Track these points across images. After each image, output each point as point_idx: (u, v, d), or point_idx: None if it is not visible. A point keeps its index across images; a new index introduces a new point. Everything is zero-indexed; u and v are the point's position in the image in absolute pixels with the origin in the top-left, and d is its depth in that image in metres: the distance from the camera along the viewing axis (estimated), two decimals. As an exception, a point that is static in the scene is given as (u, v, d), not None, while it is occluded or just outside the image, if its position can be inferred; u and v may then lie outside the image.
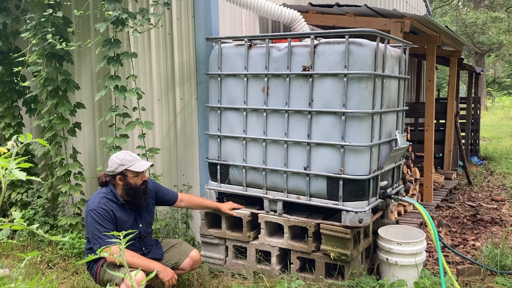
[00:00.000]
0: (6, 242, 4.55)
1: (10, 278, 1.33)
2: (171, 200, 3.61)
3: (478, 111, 10.25)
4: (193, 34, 4.29)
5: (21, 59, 4.40)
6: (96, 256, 1.62)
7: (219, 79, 3.82)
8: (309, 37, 3.44)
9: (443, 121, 7.80)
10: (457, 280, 3.63)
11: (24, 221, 1.38)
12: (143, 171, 3.25)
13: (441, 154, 7.87)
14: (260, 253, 3.78)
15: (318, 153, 3.44)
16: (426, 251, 4.06)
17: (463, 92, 16.26)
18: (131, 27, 4.06)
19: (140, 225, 3.33)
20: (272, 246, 3.69)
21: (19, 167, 1.25)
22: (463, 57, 8.89)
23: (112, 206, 3.18)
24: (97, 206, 3.13)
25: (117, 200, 3.22)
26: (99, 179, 3.29)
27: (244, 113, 3.73)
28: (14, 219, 1.35)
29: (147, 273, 2.93)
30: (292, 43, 3.49)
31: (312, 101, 3.42)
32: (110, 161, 3.23)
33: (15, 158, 1.28)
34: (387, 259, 3.59)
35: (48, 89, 4.33)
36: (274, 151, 3.63)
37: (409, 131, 5.88)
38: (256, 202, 3.85)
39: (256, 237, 3.81)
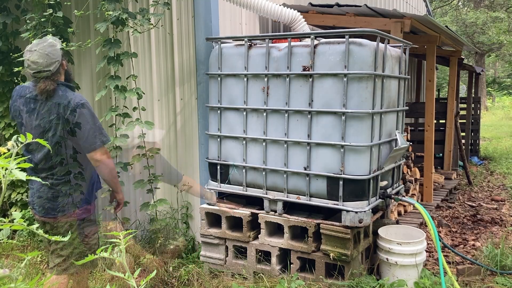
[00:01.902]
0: (6, 242, 4.55)
1: (10, 278, 1.33)
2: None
3: (478, 111, 10.25)
4: (193, 34, 4.29)
5: (21, 59, 4.39)
6: (92, 257, 1.51)
7: (219, 79, 3.82)
8: (309, 37, 3.44)
9: (443, 121, 7.81)
10: (457, 280, 3.63)
11: (24, 221, 1.38)
12: None
13: (441, 154, 7.87)
14: (260, 253, 3.78)
15: (318, 153, 3.44)
16: (426, 251, 4.07)
17: (463, 92, 16.26)
18: (131, 27, 4.06)
19: None
20: (272, 246, 3.69)
21: (19, 167, 1.25)
22: (463, 57, 8.88)
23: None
24: (85, 100, 2.80)
25: (72, 88, 2.91)
26: (49, 92, 2.75)
27: (244, 113, 3.73)
28: (14, 219, 1.35)
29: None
30: (292, 43, 3.49)
31: (312, 101, 3.42)
32: (47, 57, 2.72)
33: (15, 158, 1.28)
34: (387, 259, 3.59)
35: (48, 89, 4.32)
36: (274, 151, 3.63)
37: (409, 131, 5.89)
38: (256, 202, 3.85)
39: (256, 237, 3.81)
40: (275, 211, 3.68)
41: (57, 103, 2.76)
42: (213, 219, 3.99)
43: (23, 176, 1.22)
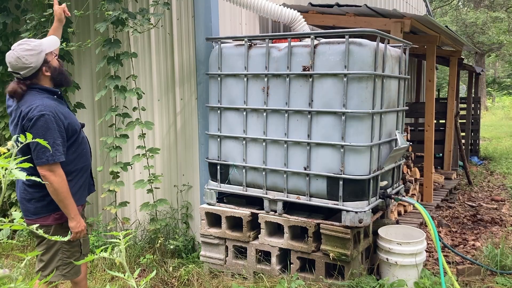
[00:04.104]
0: (6, 242, 4.55)
1: (10, 278, 1.33)
2: None
3: (478, 111, 10.25)
4: (193, 34, 4.29)
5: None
6: (92, 257, 1.51)
7: (219, 79, 3.82)
8: (309, 37, 3.44)
9: (443, 121, 7.81)
10: (457, 280, 3.63)
11: (24, 221, 1.38)
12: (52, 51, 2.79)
13: (441, 154, 7.87)
14: (260, 253, 3.78)
15: (318, 153, 3.44)
16: (426, 251, 4.07)
17: (463, 92, 16.27)
18: (131, 27, 4.06)
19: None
20: (272, 246, 3.69)
21: (19, 167, 1.25)
22: (463, 57, 8.88)
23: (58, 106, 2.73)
24: (47, 112, 2.59)
25: (52, 94, 2.76)
26: (15, 94, 2.67)
27: (244, 113, 3.73)
28: (14, 219, 1.35)
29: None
30: (292, 43, 3.49)
31: (312, 101, 3.42)
32: (18, 60, 2.63)
33: (15, 158, 1.28)
34: (387, 259, 3.59)
35: (48, 89, 4.32)
36: (274, 151, 3.63)
37: (409, 131, 5.88)
38: (256, 202, 3.85)
39: (256, 237, 3.81)
40: (275, 211, 3.68)
41: (20, 108, 2.64)
42: (213, 219, 3.99)
43: (23, 176, 1.22)
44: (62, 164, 2.68)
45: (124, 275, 1.44)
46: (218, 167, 3.94)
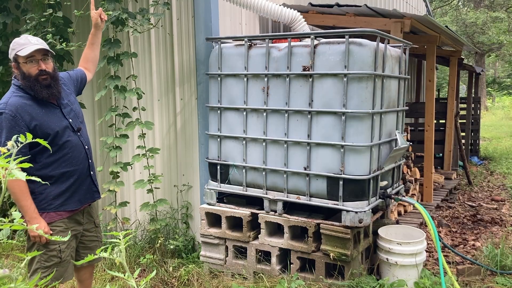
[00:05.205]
0: (6, 242, 4.55)
1: (10, 278, 1.33)
2: (84, 77, 3.18)
3: (478, 111, 10.25)
4: (193, 34, 4.29)
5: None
6: (91, 257, 1.52)
7: (219, 79, 3.82)
8: (309, 37, 3.45)
9: (443, 121, 7.81)
10: (457, 280, 3.64)
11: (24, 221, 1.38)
12: (39, 59, 2.71)
13: (441, 154, 7.87)
14: (260, 253, 3.78)
15: (318, 153, 3.44)
16: (426, 251, 4.07)
17: (463, 92, 16.27)
18: (131, 27, 4.06)
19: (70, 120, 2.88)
20: (272, 246, 3.69)
21: (19, 167, 1.25)
22: (463, 57, 8.88)
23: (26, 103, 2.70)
24: (3, 110, 2.61)
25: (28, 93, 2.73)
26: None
27: (244, 113, 3.73)
28: (14, 219, 1.35)
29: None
30: (292, 43, 3.49)
31: (312, 101, 3.42)
32: None
33: (15, 158, 1.28)
34: (387, 259, 3.59)
35: (48, 89, 4.32)
36: (274, 151, 3.63)
37: (409, 131, 5.88)
38: (256, 202, 3.85)
39: (256, 237, 3.81)
40: (275, 211, 3.68)
41: None
42: (213, 219, 3.99)
43: (23, 176, 1.22)
44: (34, 167, 2.60)
45: (124, 275, 1.44)
46: (218, 167, 3.94)
